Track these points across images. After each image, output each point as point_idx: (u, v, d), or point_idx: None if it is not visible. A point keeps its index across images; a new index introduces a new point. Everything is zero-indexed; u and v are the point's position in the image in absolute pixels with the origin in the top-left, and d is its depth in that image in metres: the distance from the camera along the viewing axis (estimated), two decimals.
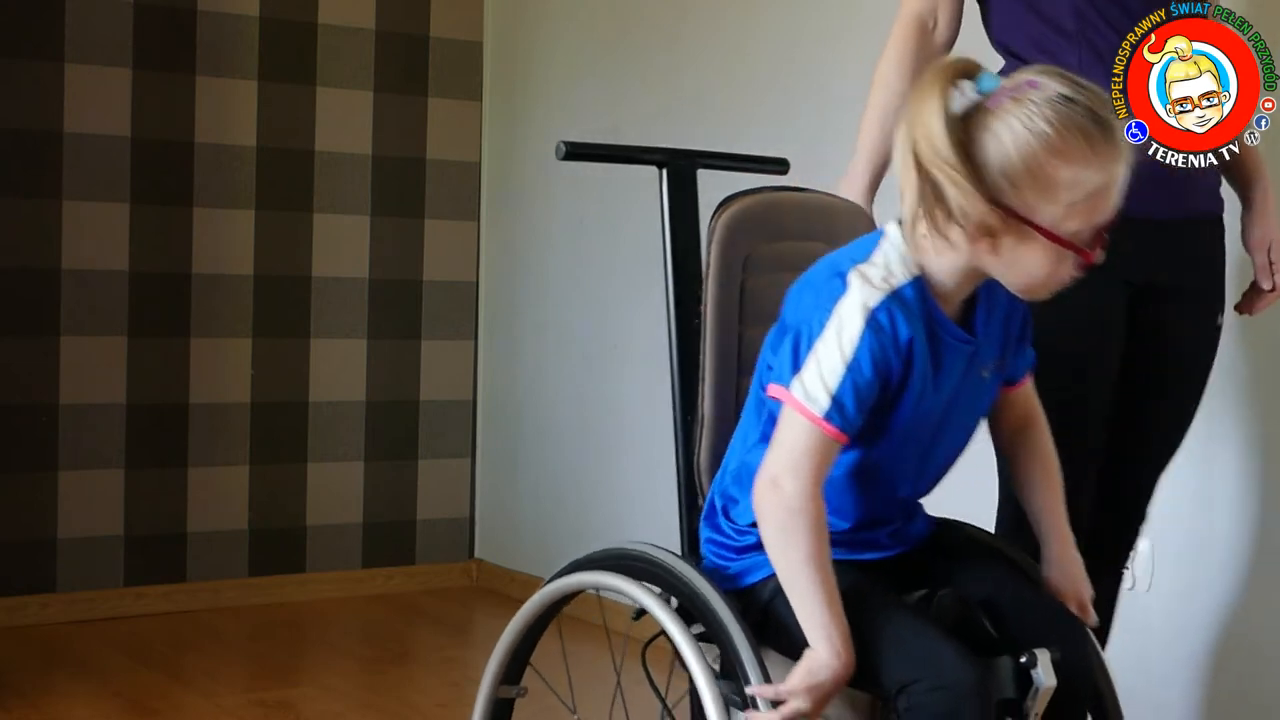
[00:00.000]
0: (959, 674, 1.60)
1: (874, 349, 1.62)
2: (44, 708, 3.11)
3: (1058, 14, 2.17)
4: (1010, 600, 1.75)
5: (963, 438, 1.77)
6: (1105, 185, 1.60)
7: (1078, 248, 1.60)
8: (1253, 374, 2.57)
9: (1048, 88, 1.59)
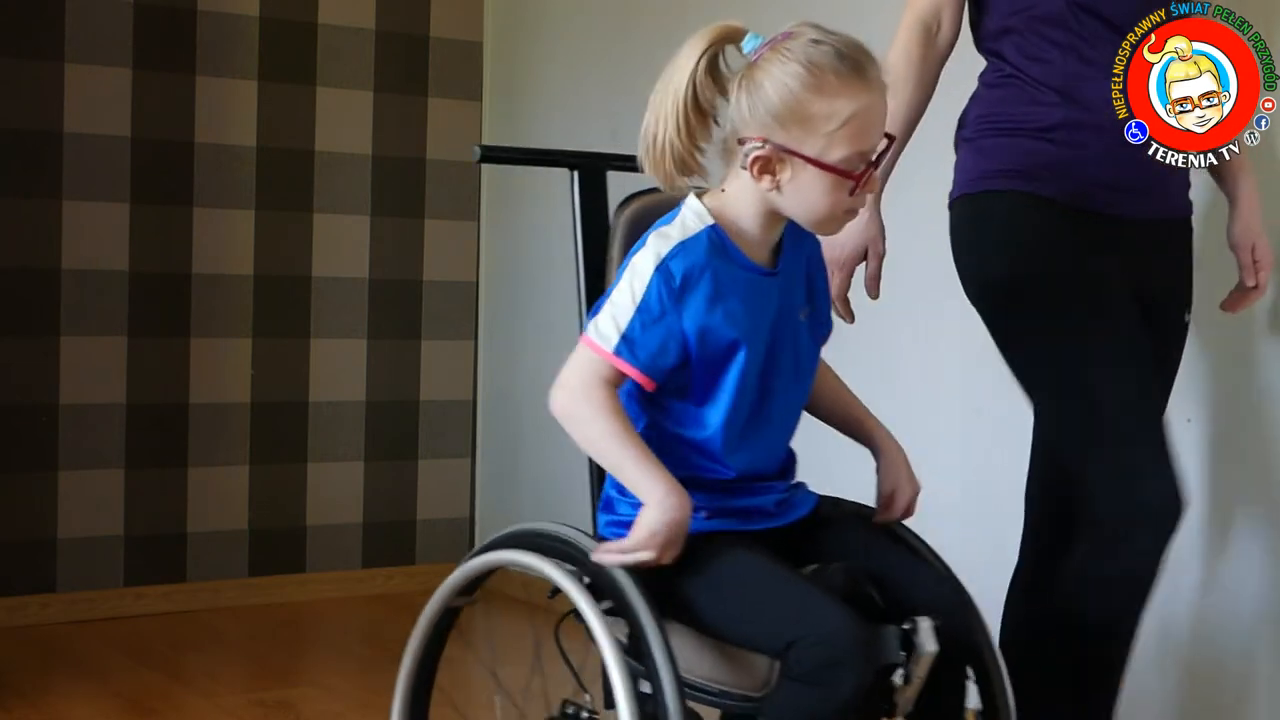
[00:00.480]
0: (841, 630, 1.68)
1: (661, 291, 1.77)
2: (44, 708, 3.11)
3: (1046, 23, 2.22)
4: (895, 571, 1.86)
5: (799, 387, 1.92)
6: (858, 113, 1.75)
7: (846, 172, 1.76)
8: (1262, 376, 2.57)
9: (800, 35, 1.78)
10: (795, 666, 1.70)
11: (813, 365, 1.94)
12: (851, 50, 1.77)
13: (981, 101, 2.30)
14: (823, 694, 1.69)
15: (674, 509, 1.74)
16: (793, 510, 1.91)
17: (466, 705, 2.14)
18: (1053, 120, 2.22)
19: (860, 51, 1.78)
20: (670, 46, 3.04)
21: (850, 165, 1.77)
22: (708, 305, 1.80)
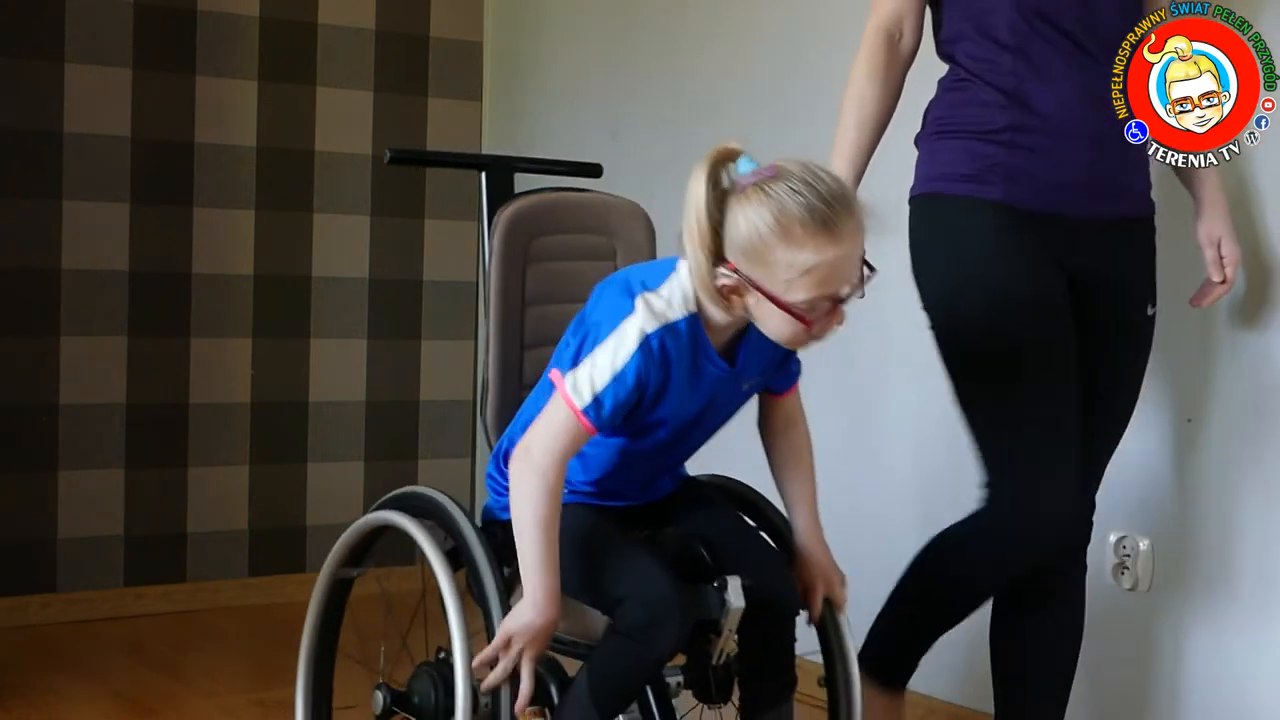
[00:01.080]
0: (661, 592, 1.92)
1: (639, 368, 1.92)
2: (44, 708, 3.11)
3: (996, 29, 2.30)
4: (721, 536, 2.08)
5: (715, 428, 2.09)
6: (820, 265, 1.84)
7: (800, 315, 1.87)
8: (1256, 377, 2.57)
9: (783, 179, 1.86)
10: (621, 621, 1.94)
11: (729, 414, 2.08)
12: (827, 203, 1.85)
13: (938, 104, 2.38)
14: (641, 648, 1.93)
15: (544, 618, 1.93)
16: (652, 494, 2.13)
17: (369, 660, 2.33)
18: (1001, 124, 2.29)
19: (837, 204, 1.85)
20: (670, 47, 3.05)
21: (811, 307, 1.88)
22: (667, 388, 1.96)
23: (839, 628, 2.15)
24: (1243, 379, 2.57)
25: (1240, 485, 2.58)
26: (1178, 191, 2.58)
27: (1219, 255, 2.43)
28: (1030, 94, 2.29)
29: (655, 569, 1.95)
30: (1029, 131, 2.28)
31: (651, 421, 2.00)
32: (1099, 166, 2.31)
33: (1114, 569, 2.75)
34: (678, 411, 2.00)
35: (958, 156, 2.31)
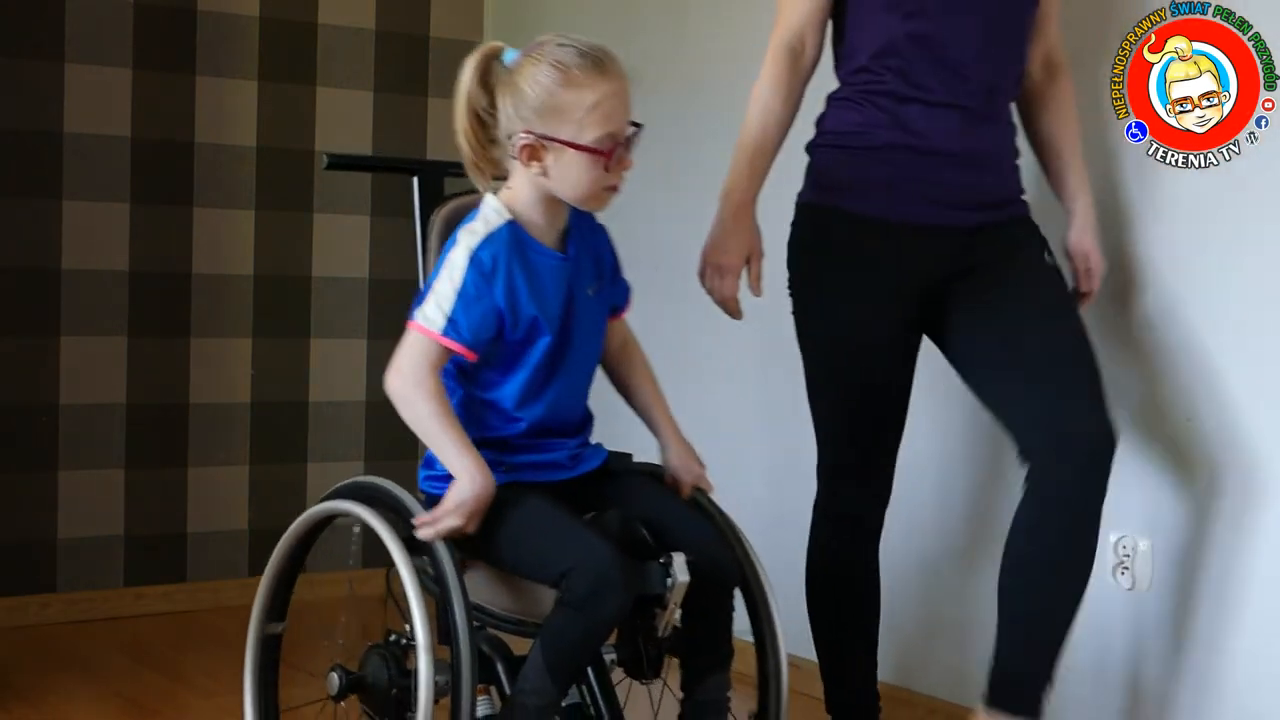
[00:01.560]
0: (603, 562, 2.02)
1: (475, 279, 2.10)
2: (44, 708, 3.11)
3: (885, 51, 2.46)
4: (663, 515, 2.20)
5: (590, 351, 2.26)
6: (601, 100, 2.10)
7: (598, 150, 2.09)
8: (1251, 376, 2.57)
9: (548, 41, 2.13)
10: (567, 594, 2.04)
11: (599, 333, 2.28)
12: (592, 49, 2.13)
13: (827, 117, 2.54)
14: (588, 617, 2.04)
15: (479, 485, 2.07)
16: (583, 463, 2.25)
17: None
18: (881, 141, 2.45)
19: (600, 50, 2.13)
20: (670, 46, 3.06)
21: (601, 145, 2.10)
22: (514, 286, 2.13)
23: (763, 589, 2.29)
24: (1243, 378, 2.57)
25: (1240, 485, 2.58)
26: (1165, 200, 2.59)
27: (1087, 267, 2.60)
28: (911, 115, 2.44)
29: (596, 541, 2.07)
30: (906, 149, 2.44)
31: (525, 326, 2.16)
32: (973, 182, 2.47)
33: (1114, 569, 2.75)
34: (544, 309, 2.16)
35: (841, 168, 2.48)
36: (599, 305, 2.26)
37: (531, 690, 2.07)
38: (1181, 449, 2.66)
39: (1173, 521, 2.68)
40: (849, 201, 2.47)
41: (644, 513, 2.20)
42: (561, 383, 2.22)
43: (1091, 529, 2.38)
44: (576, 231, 2.23)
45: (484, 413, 2.21)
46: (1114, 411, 2.41)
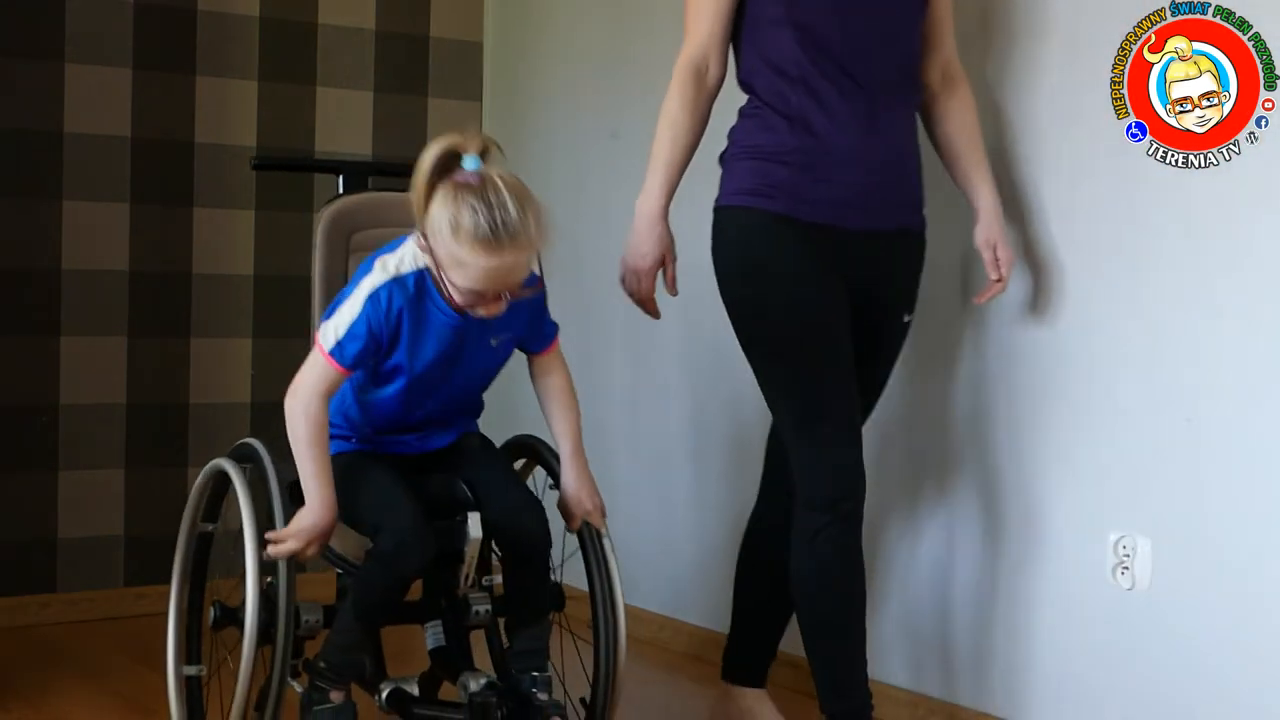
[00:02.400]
0: (406, 524, 2.38)
1: (369, 314, 2.37)
2: (44, 708, 3.11)
3: (784, 64, 2.63)
4: (481, 480, 2.52)
5: (473, 380, 2.56)
6: (472, 267, 2.29)
7: (451, 290, 2.34)
8: (1249, 375, 2.57)
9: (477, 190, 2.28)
10: (376, 547, 2.42)
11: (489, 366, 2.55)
12: (494, 226, 2.27)
13: (737, 129, 2.71)
14: (391, 569, 2.40)
15: (321, 517, 2.37)
16: (430, 443, 2.57)
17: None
18: (785, 146, 2.63)
19: (504, 231, 2.27)
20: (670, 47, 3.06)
21: (464, 296, 2.34)
22: (400, 331, 2.41)
23: (601, 550, 2.56)
24: (1243, 379, 2.57)
25: (1240, 485, 2.58)
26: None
27: (995, 258, 2.76)
28: (812, 121, 2.61)
29: (404, 504, 2.41)
30: (809, 154, 2.61)
31: (388, 368, 2.45)
32: (872, 186, 2.64)
33: (1114, 569, 2.75)
34: (415, 357, 2.44)
35: (751, 174, 2.65)
36: (501, 352, 2.54)
37: (342, 629, 2.44)
38: (1181, 449, 2.66)
39: (1173, 521, 2.68)
40: (765, 203, 2.63)
41: (468, 476, 2.53)
42: (431, 403, 2.53)
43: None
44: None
45: (353, 404, 2.54)
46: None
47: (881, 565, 3.21)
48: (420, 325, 2.41)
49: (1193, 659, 2.64)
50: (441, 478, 2.53)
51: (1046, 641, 2.87)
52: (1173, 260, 2.67)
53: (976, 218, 2.79)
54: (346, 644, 2.44)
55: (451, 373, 2.48)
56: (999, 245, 2.77)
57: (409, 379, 2.45)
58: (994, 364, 2.98)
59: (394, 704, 2.52)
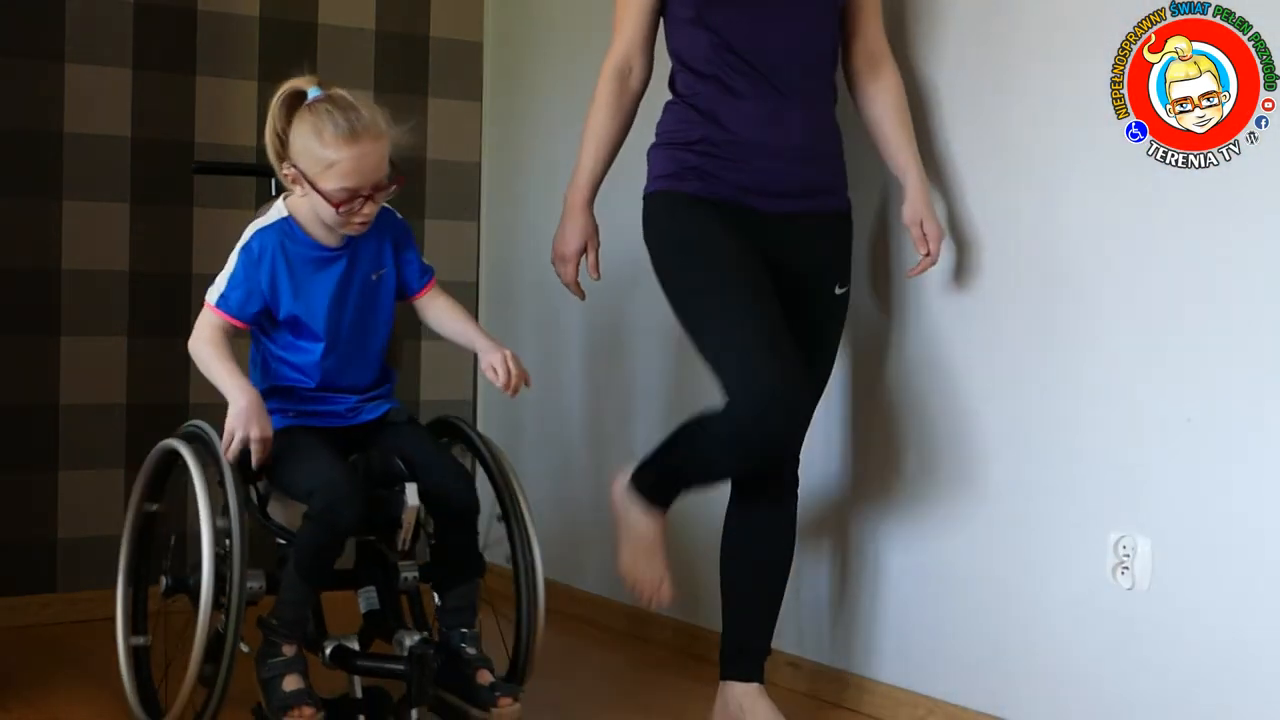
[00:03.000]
0: (338, 486, 2.63)
1: (244, 262, 2.74)
2: (44, 708, 3.11)
3: (697, 63, 2.86)
4: (414, 453, 2.78)
5: (377, 332, 2.88)
6: (339, 161, 2.63)
7: (330, 199, 2.65)
8: (1249, 372, 2.57)
9: (329, 101, 2.66)
10: (311, 509, 2.64)
11: (386, 309, 2.88)
12: (351, 121, 2.63)
13: (660, 122, 2.94)
14: (326, 529, 2.63)
15: (247, 399, 2.67)
16: (360, 416, 2.85)
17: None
18: (696, 136, 2.85)
19: (359, 123, 2.64)
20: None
21: (335, 196, 2.65)
22: (276, 272, 2.74)
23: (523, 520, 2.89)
24: (1243, 379, 2.57)
25: (1240, 485, 2.58)
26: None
27: (922, 233, 2.91)
28: (721, 113, 2.83)
29: (337, 470, 2.66)
30: (719, 143, 2.83)
31: (287, 317, 2.75)
32: (779, 173, 2.83)
33: (1114, 569, 2.75)
34: (308, 303, 2.75)
35: (668, 161, 2.89)
36: (384, 288, 2.85)
37: (289, 587, 2.68)
38: (1181, 449, 2.66)
39: (1173, 521, 2.68)
40: (679, 185, 2.86)
41: (402, 450, 2.77)
42: (341, 353, 2.81)
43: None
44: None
45: (277, 367, 2.81)
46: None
47: (881, 565, 3.21)
48: (297, 268, 2.75)
49: (1193, 659, 2.64)
50: (379, 451, 2.78)
51: (1046, 641, 2.87)
52: (1173, 260, 2.67)
53: (904, 196, 2.94)
54: (294, 600, 2.68)
55: (346, 310, 2.79)
56: (925, 221, 2.92)
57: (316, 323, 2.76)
58: (994, 363, 2.98)
59: (337, 659, 2.74)
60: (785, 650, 3.39)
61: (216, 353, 2.72)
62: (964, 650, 3.04)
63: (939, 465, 3.10)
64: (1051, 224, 2.86)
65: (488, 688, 2.72)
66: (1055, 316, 2.86)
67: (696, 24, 2.85)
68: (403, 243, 2.89)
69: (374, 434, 2.84)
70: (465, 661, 2.75)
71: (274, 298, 2.74)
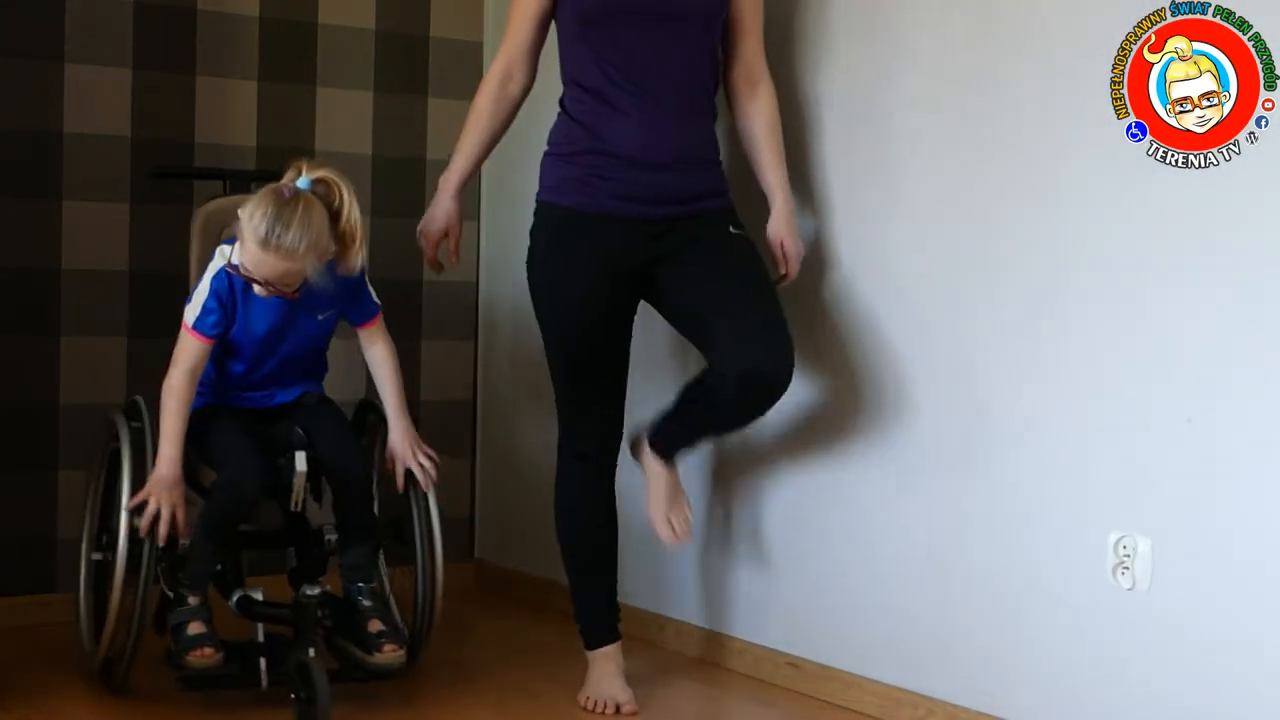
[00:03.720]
0: (242, 459, 3.06)
1: (217, 288, 3.04)
2: (44, 708, 3.11)
3: (581, 77, 3.08)
4: (314, 427, 3.17)
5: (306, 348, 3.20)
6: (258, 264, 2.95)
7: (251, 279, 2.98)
8: (1254, 369, 2.57)
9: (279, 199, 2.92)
10: (220, 478, 3.08)
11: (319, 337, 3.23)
12: (278, 236, 2.90)
13: (551, 132, 3.17)
14: (231, 496, 3.06)
15: (171, 472, 3.01)
16: (274, 400, 3.21)
17: None
18: (578, 148, 3.07)
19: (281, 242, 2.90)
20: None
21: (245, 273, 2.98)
22: (235, 304, 3.05)
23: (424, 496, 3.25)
24: (1243, 379, 2.57)
25: (1240, 485, 2.58)
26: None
27: (782, 252, 3.14)
28: (603, 128, 3.04)
29: (242, 445, 3.06)
30: (599, 155, 3.05)
31: (230, 341, 3.09)
32: (659, 183, 3.03)
33: (1114, 569, 2.75)
34: (249, 330, 3.07)
35: (553, 172, 3.14)
36: (327, 323, 3.19)
37: (195, 545, 3.04)
38: (1181, 449, 2.66)
39: (1173, 521, 2.68)
40: (559, 198, 3.11)
41: (305, 425, 3.16)
42: (267, 371, 3.17)
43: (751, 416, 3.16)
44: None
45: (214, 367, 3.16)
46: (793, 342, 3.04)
47: (881, 564, 3.21)
48: (252, 302, 3.04)
49: (1193, 659, 2.64)
50: (283, 425, 3.16)
51: (1047, 641, 2.87)
52: (1173, 260, 2.67)
53: (771, 214, 3.15)
54: (200, 557, 3.04)
55: (282, 343, 3.12)
56: (786, 239, 3.14)
57: (248, 347, 3.10)
58: (995, 363, 2.98)
59: (241, 607, 3.12)
60: (785, 650, 3.39)
61: (176, 409, 3.05)
62: (964, 650, 3.04)
63: (938, 465, 3.10)
64: (1051, 224, 2.86)
65: (376, 635, 3.08)
66: (1055, 316, 2.85)
67: (580, 41, 3.06)
68: (355, 292, 3.19)
69: (288, 412, 3.20)
70: (360, 612, 3.12)
71: (230, 320, 3.08)
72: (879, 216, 3.20)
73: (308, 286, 3.02)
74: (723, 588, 3.58)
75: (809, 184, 3.31)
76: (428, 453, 3.24)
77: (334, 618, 3.12)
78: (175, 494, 3.00)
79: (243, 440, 3.08)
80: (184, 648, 2.99)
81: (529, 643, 3.79)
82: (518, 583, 4.18)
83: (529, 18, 3.13)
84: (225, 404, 3.17)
